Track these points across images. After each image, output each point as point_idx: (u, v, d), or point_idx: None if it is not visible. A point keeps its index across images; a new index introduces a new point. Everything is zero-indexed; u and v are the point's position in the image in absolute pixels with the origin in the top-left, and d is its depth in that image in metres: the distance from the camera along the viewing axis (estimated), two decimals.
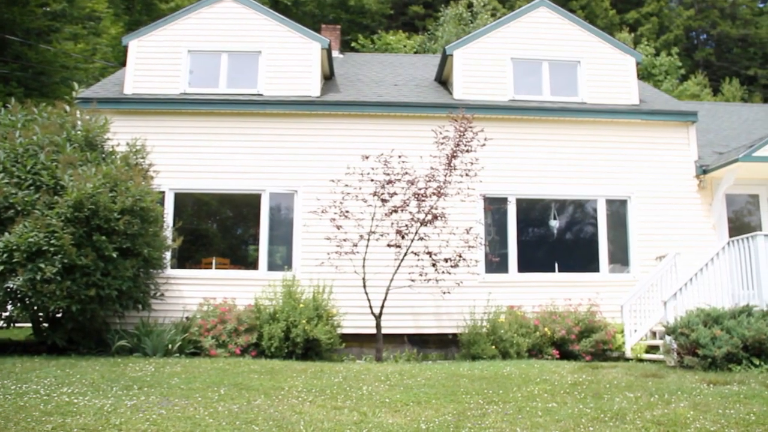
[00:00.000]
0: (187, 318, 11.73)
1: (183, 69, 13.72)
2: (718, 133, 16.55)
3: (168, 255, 12.29)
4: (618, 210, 13.89)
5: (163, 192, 12.75)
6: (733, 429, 5.59)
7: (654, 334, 11.96)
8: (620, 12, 45.00)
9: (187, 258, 13.08)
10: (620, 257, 13.73)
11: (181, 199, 13.15)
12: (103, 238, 10.03)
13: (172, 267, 12.65)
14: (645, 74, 38.18)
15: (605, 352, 11.85)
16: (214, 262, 13.12)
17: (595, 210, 13.85)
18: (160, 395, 6.62)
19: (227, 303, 11.90)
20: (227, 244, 13.77)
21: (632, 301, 11.95)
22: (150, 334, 10.82)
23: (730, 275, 11.33)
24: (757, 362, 9.22)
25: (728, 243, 11.52)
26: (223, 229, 14.08)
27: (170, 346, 10.71)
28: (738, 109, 20.48)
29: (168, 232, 12.16)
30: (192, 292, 12.38)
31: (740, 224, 14.36)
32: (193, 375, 8.11)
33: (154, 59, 13.70)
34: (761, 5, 51.21)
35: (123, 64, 16.28)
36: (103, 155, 11.47)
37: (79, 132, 11.39)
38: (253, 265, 13.08)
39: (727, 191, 13.96)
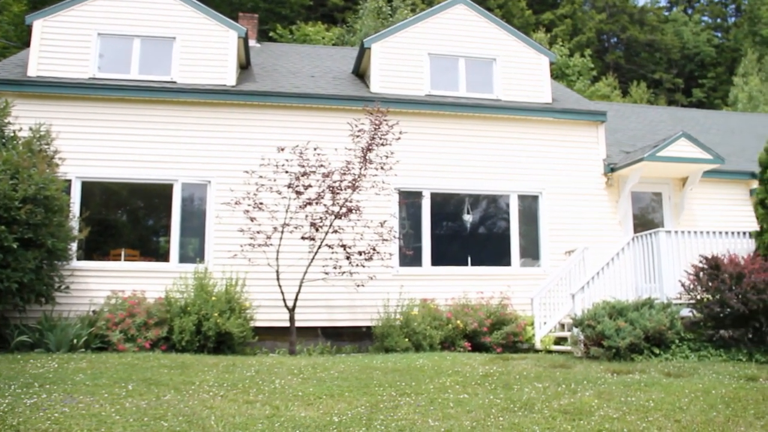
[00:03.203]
0: (94, 312, 11.33)
1: (92, 52, 13.21)
2: (625, 133, 17.22)
3: (74, 246, 11.83)
4: (530, 205, 14.25)
5: (70, 180, 12.26)
6: (633, 415, 5.84)
7: (563, 326, 12.33)
8: (536, 12, 46.12)
9: (94, 249, 12.61)
10: (531, 251, 14.09)
11: (88, 188, 12.66)
12: (3, 227, 9.54)
13: (78, 259, 12.18)
14: (559, 74, 39.28)
15: (516, 344, 12.14)
16: (123, 253, 12.71)
17: (507, 205, 14.16)
18: (63, 392, 6.36)
19: (136, 296, 11.56)
20: (137, 236, 13.36)
21: (542, 294, 12.28)
22: (53, 329, 10.40)
23: (634, 269, 11.82)
24: (657, 352, 9.70)
25: (633, 238, 12.00)
26: (133, 219, 13.65)
27: (75, 341, 10.32)
28: (644, 110, 21.38)
29: (74, 223, 11.72)
30: (99, 284, 11.95)
31: (645, 221, 14.99)
32: (99, 371, 7.83)
33: (61, 41, 13.13)
34: (666, 13, 53.61)
35: (26, 44, 15.55)
36: (4, 140, 10.92)
37: None
38: (164, 257, 12.76)
39: (633, 189, 14.56)
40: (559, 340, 11.90)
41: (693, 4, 55.01)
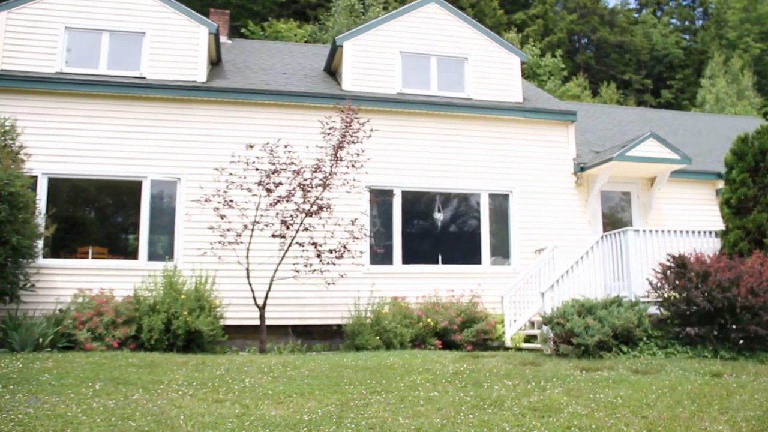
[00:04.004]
0: (60, 310, 11.14)
1: (60, 46, 13.00)
2: (595, 133, 17.39)
3: (40, 244, 11.63)
4: (500, 204, 14.33)
5: (36, 176, 12.05)
6: (601, 412, 5.89)
7: (532, 324, 12.41)
8: (508, 12, 46.40)
9: (61, 247, 12.43)
10: (502, 250, 14.17)
11: (55, 184, 12.46)
12: None
13: (44, 256, 11.99)
14: (530, 74, 39.55)
15: (486, 341, 12.19)
16: (90, 251, 12.53)
17: (478, 204, 14.23)
18: (28, 393, 6.25)
19: (104, 294, 11.41)
20: (105, 233, 13.18)
21: (512, 292, 12.35)
22: (18, 328, 10.19)
23: (603, 267, 11.94)
24: (625, 349, 9.82)
25: (602, 237, 12.13)
26: (101, 217, 13.46)
27: (41, 340, 10.14)
28: (614, 110, 21.61)
29: (40, 220, 11.52)
30: (66, 282, 11.77)
31: (614, 219, 15.17)
32: (65, 370, 7.71)
33: (27, 34, 12.89)
34: (636, 15, 54.31)
35: None
36: None
37: None
38: (132, 254, 12.60)
39: (603, 188, 14.72)
40: (529, 338, 11.98)
41: (662, 7, 55.81)
